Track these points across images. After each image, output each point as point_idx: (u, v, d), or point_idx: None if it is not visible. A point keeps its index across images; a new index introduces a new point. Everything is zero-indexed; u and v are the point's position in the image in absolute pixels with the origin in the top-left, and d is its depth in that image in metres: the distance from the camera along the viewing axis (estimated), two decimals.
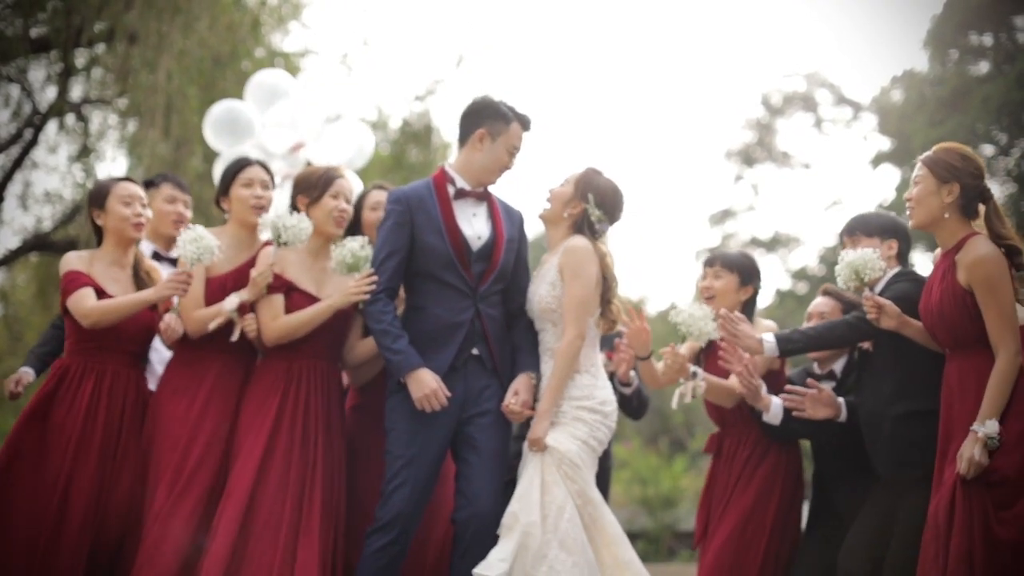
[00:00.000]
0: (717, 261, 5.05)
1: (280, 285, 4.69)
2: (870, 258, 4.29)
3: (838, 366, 4.98)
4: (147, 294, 4.62)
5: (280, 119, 7.10)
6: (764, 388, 4.67)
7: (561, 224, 4.71)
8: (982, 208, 4.10)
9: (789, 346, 4.51)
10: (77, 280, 4.64)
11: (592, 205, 4.64)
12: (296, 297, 4.70)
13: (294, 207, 4.87)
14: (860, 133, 28.33)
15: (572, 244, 4.62)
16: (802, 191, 37.45)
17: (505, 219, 4.76)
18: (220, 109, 7.15)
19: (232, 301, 4.59)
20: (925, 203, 4.12)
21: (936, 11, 16.48)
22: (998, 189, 14.94)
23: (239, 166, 4.88)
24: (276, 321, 4.66)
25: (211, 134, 7.09)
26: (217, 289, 4.67)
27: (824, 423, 4.66)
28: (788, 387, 4.65)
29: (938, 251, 4.27)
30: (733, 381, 4.78)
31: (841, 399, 4.62)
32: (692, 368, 4.74)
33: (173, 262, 5.15)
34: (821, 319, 4.99)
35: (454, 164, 4.75)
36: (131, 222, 4.77)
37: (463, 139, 4.72)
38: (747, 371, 4.60)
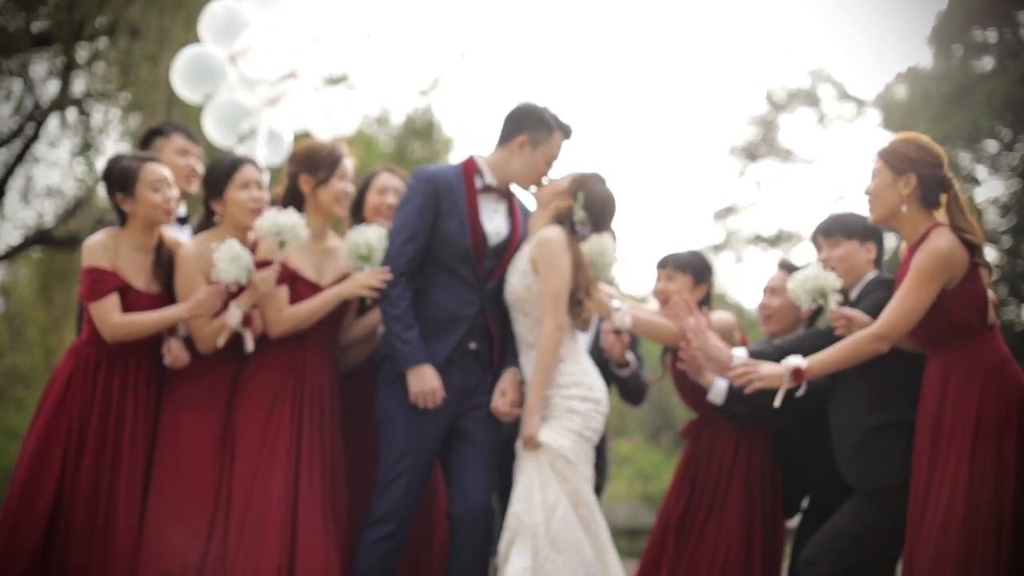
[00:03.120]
0: (669, 263, 5.01)
1: (284, 277, 4.61)
2: (825, 276, 4.26)
3: None
4: (177, 312, 4.51)
5: (263, 44, 6.74)
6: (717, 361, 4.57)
7: (545, 212, 4.68)
8: (944, 198, 4.05)
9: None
10: (103, 283, 4.51)
11: (579, 205, 4.60)
12: (300, 286, 4.64)
13: (295, 183, 4.75)
14: (864, 129, 28.26)
15: (546, 235, 4.57)
16: (805, 187, 37.39)
17: (522, 220, 4.75)
18: (184, 59, 6.72)
19: (235, 315, 4.49)
20: (882, 197, 4.08)
21: (940, 7, 16.43)
22: (1002, 185, 14.89)
23: (232, 166, 4.70)
24: (282, 314, 4.59)
25: (182, 86, 6.70)
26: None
27: (767, 407, 4.63)
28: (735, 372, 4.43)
29: (903, 245, 4.22)
30: (666, 322, 4.75)
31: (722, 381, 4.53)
32: (615, 305, 4.71)
33: (182, 221, 5.04)
34: (773, 294, 4.96)
35: (487, 158, 4.70)
36: (162, 209, 4.59)
37: (503, 140, 4.68)
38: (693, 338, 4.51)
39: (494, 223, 4.68)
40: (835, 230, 4.54)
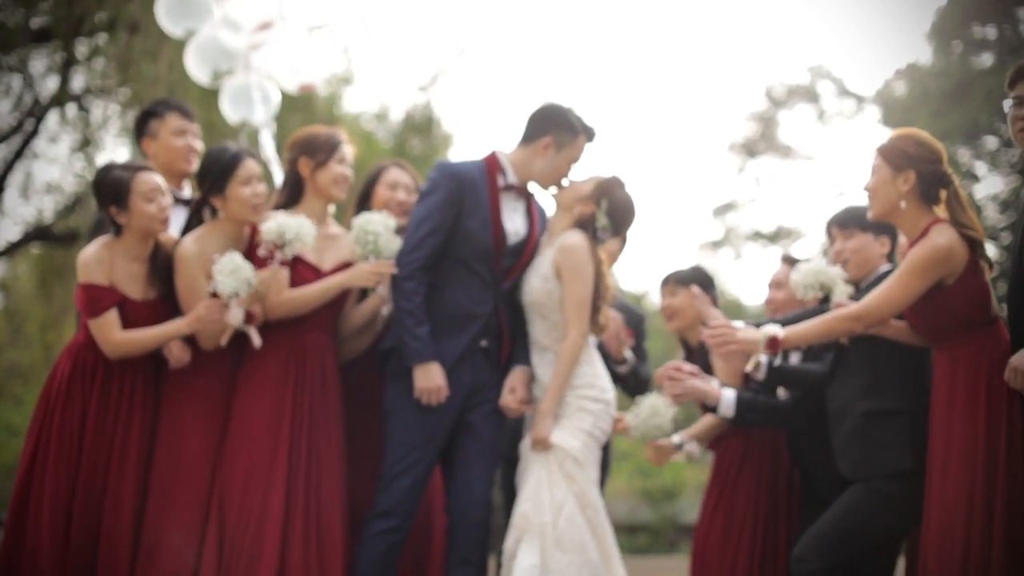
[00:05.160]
0: (671, 280, 5.09)
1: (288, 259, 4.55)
2: (828, 269, 4.28)
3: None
4: (177, 327, 4.45)
5: None
6: (713, 382, 4.55)
7: (567, 215, 4.67)
8: (944, 194, 4.04)
9: (776, 372, 4.49)
10: (102, 300, 4.43)
11: (602, 212, 4.61)
12: (301, 269, 4.58)
13: (294, 167, 4.71)
14: (863, 126, 28.26)
15: (570, 242, 4.57)
16: (805, 183, 37.45)
17: (539, 219, 4.74)
18: None
19: (237, 315, 4.42)
20: (881, 193, 4.06)
21: (940, 4, 16.46)
22: (1002, 182, 14.92)
23: (233, 162, 4.57)
24: (281, 296, 4.53)
25: (166, 19, 6.53)
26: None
27: (780, 410, 4.61)
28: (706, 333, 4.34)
29: (904, 242, 4.21)
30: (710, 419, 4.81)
31: (763, 358, 4.45)
32: (675, 442, 4.77)
33: (187, 203, 4.96)
34: (778, 288, 4.99)
35: (509, 156, 4.68)
36: (158, 219, 4.49)
37: (527, 139, 4.66)
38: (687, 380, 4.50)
39: (514, 222, 4.67)
40: (850, 222, 4.51)
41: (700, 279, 5.08)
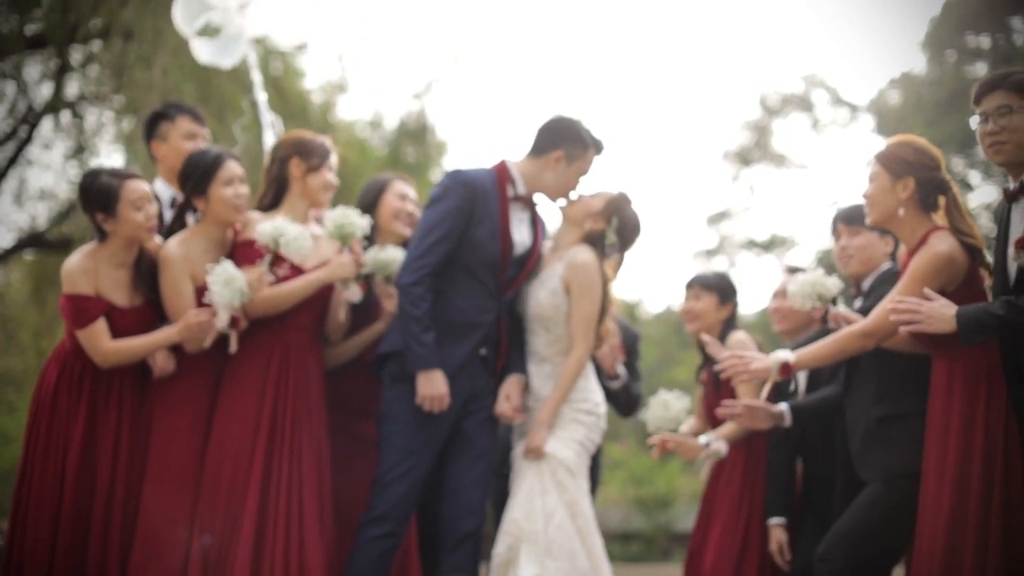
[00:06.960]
0: (696, 283, 5.16)
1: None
2: (825, 279, 4.27)
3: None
4: (168, 335, 4.44)
5: None
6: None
7: (575, 229, 4.69)
8: (943, 201, 4.04)
9: (801, 412, 4.50)
10: (89, 310, 4.42)
11: (612, 229, 4.64)
12: (282, 267, 4.54)
13: (283, 166, 4.69)
14: (857, 134, 28.30)
15: (580, 259, 4.59)
16: (799, 192, 37.54)
17: (541, 230, 4.76)
18: None
19: (223, 318, 4.40)
20: (880, 200, 4.06)
21: (934, 13, 16.53)
22: (995, 191, 14.93)
23: (216, 163, 4.57)
24: (261, 293, 4.47)
25: None
26: (203, 295, 4.48)
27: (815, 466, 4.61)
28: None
29: (903, 250, 4.21)
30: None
31: (783, 405, 4.46)
32: (702, 442, 4.77)
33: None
34: (783, 297, 5.02)
35: (519, 166, 4.69)
36: (145, 227, 4.47)
37: (537, 151, 4.67)
38: None
39: (520, 233, 4.68)
40: (857, 219, 4.51)
41: (724, 286, 5.18)
